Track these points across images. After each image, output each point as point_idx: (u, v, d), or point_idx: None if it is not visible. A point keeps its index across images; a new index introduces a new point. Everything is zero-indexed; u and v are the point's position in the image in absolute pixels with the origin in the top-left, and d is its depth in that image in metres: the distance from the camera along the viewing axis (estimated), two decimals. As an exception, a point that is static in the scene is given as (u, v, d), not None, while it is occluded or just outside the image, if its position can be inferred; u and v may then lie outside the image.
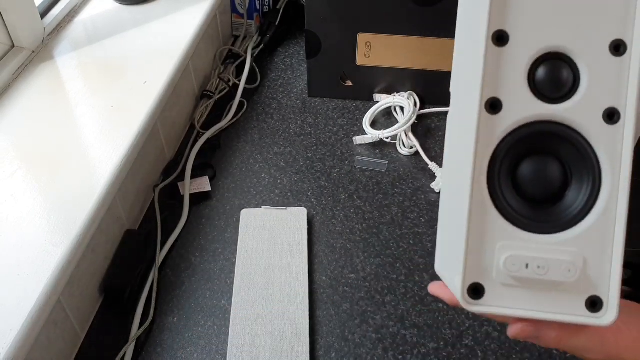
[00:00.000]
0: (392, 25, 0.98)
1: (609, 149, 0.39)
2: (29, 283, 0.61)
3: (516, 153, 0.40)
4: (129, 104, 0.83)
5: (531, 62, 0.39)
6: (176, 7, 1.03)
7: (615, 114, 0.39)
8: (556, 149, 0.40)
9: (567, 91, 0.39)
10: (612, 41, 0.38)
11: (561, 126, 0.39)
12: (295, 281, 0.76)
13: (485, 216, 0.39)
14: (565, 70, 0.39)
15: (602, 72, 0.39)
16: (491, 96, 0.39)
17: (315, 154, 0.95)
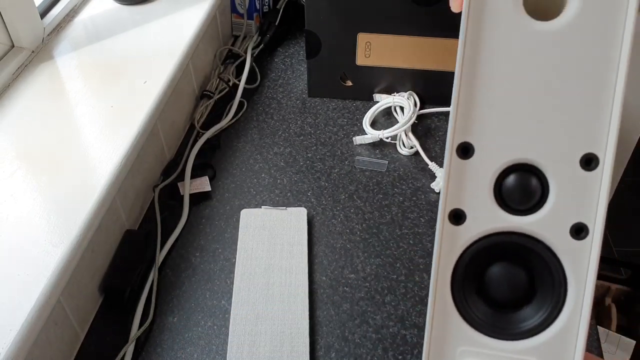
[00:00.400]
0: (392, 25, 0.98)
1: (575, 263, 0.38)
2: (29, 283, 0.61)
3: (483, 259, 0.39)
4: (129, 104, 0.83)
5: (497, 174, 0.38)
6: (176, 7, 1.03)
7: (583, 230, 0.38)
8: (523, 257, 0.39)
9: (535, 203, 0.38)
10: (583, 155, 0.37)
11: (528, 237, 0.38)
12: (295, 281, 0.76)
13: (448, 320, 0.40)
14: (533, 182, 0.38)
15: (571, 186, 0.37)
16: (454, 207, 0.39)
17: (315, 154, 0.95)
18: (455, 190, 0.38)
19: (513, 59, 0.37)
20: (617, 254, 1.99)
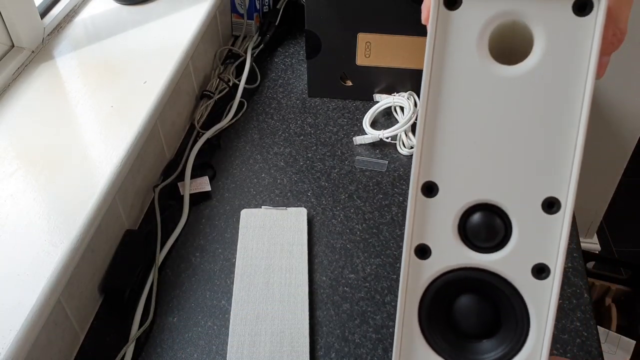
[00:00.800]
0: (392, 25, 0.98)
1: (536, 301, 0.39)
2: (29, 283, 0.61)
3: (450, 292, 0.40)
4: (129, 104, 0.83)
5: (461, 213, 0.39)
6: (176, 7, 1.03)
7: (545, 270, 0.38)
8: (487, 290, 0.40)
9: (498, 242, 0.39)
10: (545, 198, 0.38)
11: (491, 274, 0.39)
12: (295, 281, 0.76)
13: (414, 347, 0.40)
14: (496, 222, 0.38)
15: (533, 228, 0.38)
16: (420, 242, 0.39)
17: (315, 154, 0.95)
18: (420, 226, 0.39)
19: (476, 102, 0.37)
20: (617, 254, 1.99)
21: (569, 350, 0.70)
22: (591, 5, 0.34)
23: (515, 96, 0.36)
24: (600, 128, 1.59)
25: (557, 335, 0.72)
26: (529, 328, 0.39)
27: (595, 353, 0.70)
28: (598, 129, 1.60)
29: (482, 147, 0.37)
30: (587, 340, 0.71)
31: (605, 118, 1.57)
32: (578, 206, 1.73)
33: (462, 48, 0.36)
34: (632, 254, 1.99)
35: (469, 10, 0.36)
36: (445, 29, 0.36)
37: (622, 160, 1.66)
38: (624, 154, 1.65)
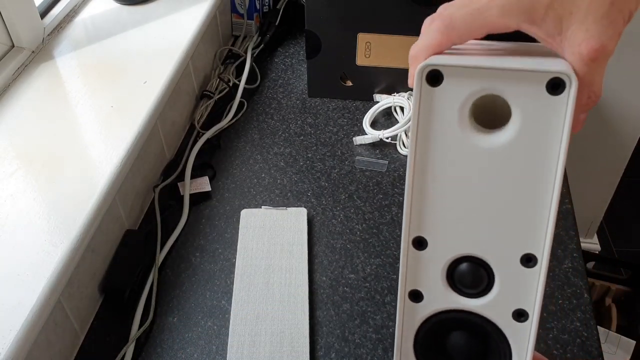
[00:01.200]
0: (392, 25, 0.98)
1: (517, 341, 0.43)
2: (29, 283, 0.61)
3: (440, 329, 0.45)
4: (129, 104, 0.83)
5: (448, 264, 0.43)
6: (176, 7, 1.03)
7: (524, 315, 0.43)
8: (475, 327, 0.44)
9: (483, 289, 0.43)
10: (523, 254, 0.41)
11: (478, 316, 0.44)
12: (295, 281, 0.76)
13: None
14: (480, 271, 0.43)
15: (513, 279, 0.42)
16: (413, 288, 0.44)
17: (315, 154, 0.95)
18: (413, 275, 0.44)
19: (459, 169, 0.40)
20: (617, 254, 1.99)
21: (569, 351, 0.70)
22: (563, 85, 0.37)
23: (495, 165, 0.40)
24: (600, 128, 1.59)
25: (557, 336, 0.72)
26: None
27: (596, 353, 0.70)
28: (598, 129, 1.60)
29: (466, 207, 0.41)
30: (587, 340, 0.71)
31: (605, 118, 1.57)
32: (578, 206, 1.73)
33: (445, 120, 0.39)
34: (632, 254, 1.99)
35: (450, 88, 0.38)
36: (428, 104, 0.39)
37: (622, 160, 1.66)
38: (624, 154, 1.65)
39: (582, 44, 0.36)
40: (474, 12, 0.38)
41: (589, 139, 1.62)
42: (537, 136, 0.39)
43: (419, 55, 0.40)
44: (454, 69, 0.38)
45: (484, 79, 0.38)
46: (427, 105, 0.39)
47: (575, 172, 1.68)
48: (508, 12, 0.37)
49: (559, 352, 0.70)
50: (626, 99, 1.52)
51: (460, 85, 0.38)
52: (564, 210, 0.86)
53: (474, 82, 0.38)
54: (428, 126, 0.40)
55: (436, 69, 0.39)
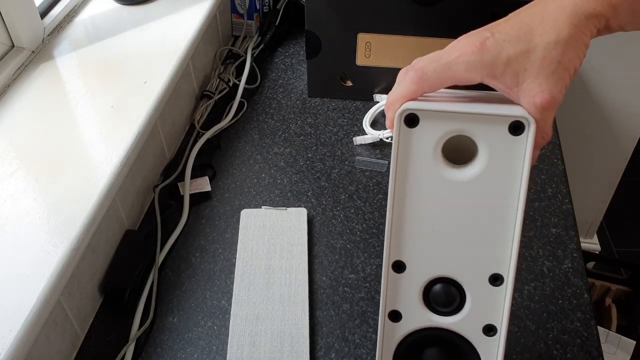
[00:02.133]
0: (392, 25, 0.98)
1: (487, 355, 0.49)
2: (29, 283, 0.61)
3: (418, 345, 0.50)
4: (129, 104, 0.83)
5: (425, 284, 0.48)
6: (176, 7, 1.03)
7: (493, 330, 0.48)
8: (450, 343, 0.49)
9: (455, 307, 0.48)
10: (491, 274, 0.47)
11: (451, 332, 0.49)
12: (295, 281, 0.76)
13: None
14: (453, 291, 0.48)
15: (482, 297, 0.47)
16: (392, 309, 0.49)
17: (315, 154, 0.95)
18: (392, 296, 0.49)
19: (433, 199, 0.46)
20: (617, 254, 1.99)
21: (569, 351, 0.70)
22: (523, 127, 0.43)
23: (465, 195, 0.45)
24: (600, 128, 1.59)
25: (557, 336, 0.72)
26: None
27: (596, 353, 0.70)
28: (598, 129, 1.60)
29: (439, 233, 0.47)
30: (587, 340, 0.71)
31: (605, 118, 1.57)
32: (578, 206, 1.73)
33: (421, 157, 0.45)
34: (632, 254, 1.99)
35: (425, 129, 0.44)
36: (406, 143, 0.45)
37: (622, 161, 1.66)
38: (624, 154, 1.65)
39: (536, 96, 0.42)
40: (444, 66, 0.44)
41: (589, 139, 1.62)
42: (501, 170, 0.44)
43: (396, 102, 0.45)
44: (428, 112, 0.44)
45: (455, 121, 0.44)
46: (405, 144, 0.45)
47: (575, 172, 1.68)
48: (472, 68, 0.43)
49: (559, 353, 0.70)
50: (626, 99, 1.52)
51: (434, 127, 0.44)
52: (564, 210, 0.86)
53: (446, 124, 0.44)
54: (406, 162, 0.45)
55: (413, 113, 0.44)
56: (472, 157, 0.45)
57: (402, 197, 0.46)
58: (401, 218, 0.47)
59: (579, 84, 1.51)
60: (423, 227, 0.47)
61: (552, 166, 0.93)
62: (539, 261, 0.80)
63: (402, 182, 0.46)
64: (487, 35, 0.44)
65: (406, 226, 0.47)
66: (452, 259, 0.47)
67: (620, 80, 1.48)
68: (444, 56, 0.45)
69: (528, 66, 0.43)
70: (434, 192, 0.46)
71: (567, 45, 0.43)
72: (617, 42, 1.40)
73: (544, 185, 0.90)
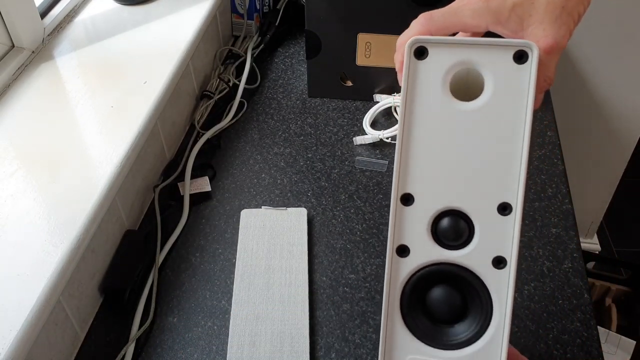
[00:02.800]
0: (392, 25, 0.98)
1: (497, 288, 0.47)
2: (29, 283, 0.61)
3: (425, 284, 0.49)
4: (129, 104, 0.83)
5: (433, 217, 0.47)
6: (176, 7, 1.03)
7: (502, 262, 0.47)
8: (457, 281, 0.48)
9: (464, 240, 0.47)
10: (499, 203, 0.46)
11: (459, 267, 0.47)
12: (295, 281, 0.76)
13: (397, 333, 0.50)
14: (461, 224, 0.47)
15: (491, 228, 0.47)
16: (400, 243, 0.48)
17: (315, 154, 0.95)
18: (400, 230, 0.48)
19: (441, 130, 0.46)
20: (617, 254, 1.99)
21: (569, 351, 0.70)
22: (526, 55, 0.44)
23: (472, 125, 0.46)
24: (600, 128, 1.59)
25: (557, 336, 0.72)
26: (492, 310, 0.47)
27: (596, 353, 0.70)
28: (598, 129, 1.60)
29: (447, 164, 0.47)
30: (587, 340, 0.71)
31: (605, 118, 1.57)
32: (578, 206, 1.73)
33: (429, 89, 0.46)
34: (632, 254, 1.99)
35: (433, 60, 0.46)
36: (415, 75, 0.46)
37: (622, 160, 1.66)
38: (624, 154, 1.65)
39: (540, 40, 0.44)
40: (450, 11, 0.47)
41: (589, 139, 1.62)
42: (507, 99, 0.45)
43: (403, 44, 0.47)
44: (437, 44, 0.46)
45: (462, 51, 0.45)
46: (414, 76, 0.46)
47: (575, 172, 1.68)
48: (478, 14, 0.45)
49: (559, 353, 0.70)
50: (626, 99, 1.52)
51: (442, 58, 0.46)
52: (564, 210, 0.86)
53: (453, 54, 0.45)
54: (415, 95, 0.46)
55: (422, 45, 0.46)
56: (478, 92, 0.46)
57: (411, 130, 0.47)
58: (409, 150, 0.47)
59: (579, 83, 1.51)
60: (431, 158, 0.47)
61: (552, 166, 0.93)
62: (539, 261, 0.80)
63: (410, 114, 0.47)
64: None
65: (414, 158, 0.47)
66: (460, 189, 0.47)
67: (620, 80, 1.48)
68: (453, 4, 0.47)
69: (533, 12, 0.44)
70: (442, 123, 0.46)
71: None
72: (617, 42, 1.40)
73: (544, 185, 0.90)
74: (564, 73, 1.49)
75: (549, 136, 0.99)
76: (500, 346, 0.48)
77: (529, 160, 0.47)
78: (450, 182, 0.47)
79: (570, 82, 1.50)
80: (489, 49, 0.45)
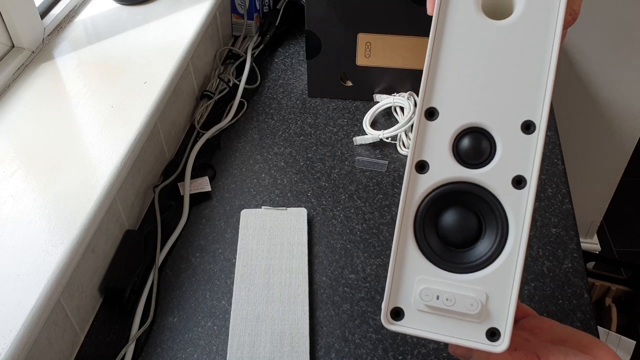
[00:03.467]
0: (392, 25, 0.98)
1: (515, 209, 0.46)
2: (29, 283, 0.61)
3: (440, 204, 0.48)
4: (129, 104, 0.83)
5: (456, 134, 0.47)
6: (176, 7, 1.03)
7: (522, 181, 0.46)
8: (473, 203, 0.47)
9: (485, 159, 0.47)
10: (523, 121, 0.46)
11: (478, 187, 0.47)
12: (295, 282, 0.76)
13: (409, 254, 0.48)
14: (483, 142, 0.47)
15: (513, 147, 0.46)
16: (420, 159, 0.47)
17: (315, 154, 0.95)
18: (422, 145, 0.47)
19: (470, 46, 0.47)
20: (617, 254, 1.99)
21: (569, 351, 0.70)
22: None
23: (502, 41, 0.46)
24: (600, 128, 1.59)
25: (557, 336, 0.72)
26: (508, 231, 0.46)
27: (596, 353, 0.70)
28: (598, 129, 1.60)
29: (474, 80, 0.46)
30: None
31: (605, 118, 1.57)
32: (578, 206, 1.73)
33: (461, 4, 0.47)
34: (632, 254, 1.99)
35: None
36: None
37: (622, 160, 1.66)
38: (624, 154, 1.65)
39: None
40: None
41: (589, 139, 1.62)
42: (537, 18, 0.46)
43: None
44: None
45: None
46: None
47: (575, 172, 1.68)
48: None
49: (559, 352, 0.70)
50: (626, 99, 1.52)
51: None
52: (564, 210, 0.86)
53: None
54: (447, 10, 0.47)
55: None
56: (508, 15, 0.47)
57: (440, 44, 0.47)
58: (438, 65, 0.47)
59: (579, 83, 1.51)
60: (459, 72, 0.47)
61: (552, 166, 0.93)
62: (539, 261, 0.80)
63: (441, 29, 0.47)
64: None
65: (442, 72, 0.47)
66: (485, 106, 0.47)
67: (620, 80, 1.48)
68: None
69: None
70: (472, 39, 0.47)
71: None
72: (617, 42, 1.40)
73: (544, 185, 0.90)
74: (564, 73, 1.49)
75: (549, 136, 0.99)
76: (514, 271, 0.47)
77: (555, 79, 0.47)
78: (476, 98, 0.47)
79: (570, 82, 1.50)
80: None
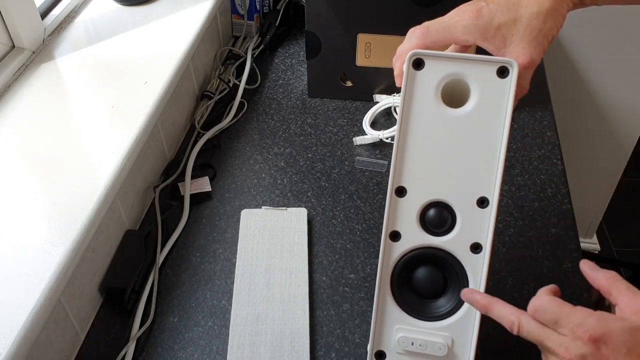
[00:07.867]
0: (392, 25, 0.98)
1: (473, 269, 0.56)
2: (30, 283, 0.61)
3: (411, 265, 0.58)
4: (129, 104, 0.83)
5: (422, 208, 0.56)
6: (176, 8, 1.03)
7: (479, 247, 0.55)
8: (439, 263, 0.57)
9: (447, 228, 0.56)
10: (478, 197, 0.55)
11: (442, 251, 0.56)
12: (296, 281, 0.76)
13: (387, 306, 0.58)
14: (445, 214, 0.56)
15: (471, 219, 0.55)
16: (393, 229, 0.57)
17: (315, 155, 0.96)
18: (394, 218, 0.57)
19: (432, 133, 0.55)
20: (617, 254, 1.99)
21: (568, 350, 0.70)
22: (508, 71, 0.53)
23: (459, 128, 0.54)
24: (600, 128, 1.59)
25: (557, 335, 0.72)
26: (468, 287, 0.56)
27: (595, 353, 0.70)
28: (598, 129, 1.60)
29: (436, 162, 0.55)
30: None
31: (605, 118, 1.57)
32: (578, 206, 1.73)
33: (424, 96, 0.54)
34: (632, 254, 1.99)
35: (429, 71, 0.54)
36: (412, 83, 0.54)
37: (622, 160, 1.66)
38: (624, 154, 1.65)
39: (518, 57, 0.52)
40: (445, 27, 0.55)
41: (589, 139, 1.62)
42: (490, 107, 0.53)
43: (403, 54, 0.55)
44: (432, 57, 0.54)
45: (454, 64, 0.54)
46: (412, 84, 0.54)
47: (575, 172, 1.68)
48: (468, 31, 0.53)
49: (559, 352, 0.70)
50: (626, 99, 1.52)
51: (436, 69, 0.54)
52: (563, 210, 0.86)
53: (446, 67, 0.54)
54: (411, 100, 0.54)
55: (420, 57, 0.54)
56: (465, 99, 0.54)
57: (407, 130, 0.55)
58: (404, 149, 0.55)
59: (579, 84, 1.51)
60: (423, 156, 0.55)
61: (552, 166, 0.93)
62: (539, 261, 0.80)
63: (407, 117, 0.54)
64: (482, 4, 0.53)
65: (408, 156, 0.55)
66: (445, 184, 0.55)
67: (620, 80, 1.48)
68: (446, 19, 0.55)
69: (514, 32, 0.52)
70: (433, 125, 0.54)
71: (547, 16, 0.52)
72: (617, 42, 1.40)
73: (544, 185, 0.90)
74: (564, 73, 1.49)
75: (549, 136, 0.99)
76: (474, 319, 0.56)
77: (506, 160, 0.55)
78: (438, 177, 0.55)
79: (570, 82, 1.50)
80: (477, 64, 0.53)
